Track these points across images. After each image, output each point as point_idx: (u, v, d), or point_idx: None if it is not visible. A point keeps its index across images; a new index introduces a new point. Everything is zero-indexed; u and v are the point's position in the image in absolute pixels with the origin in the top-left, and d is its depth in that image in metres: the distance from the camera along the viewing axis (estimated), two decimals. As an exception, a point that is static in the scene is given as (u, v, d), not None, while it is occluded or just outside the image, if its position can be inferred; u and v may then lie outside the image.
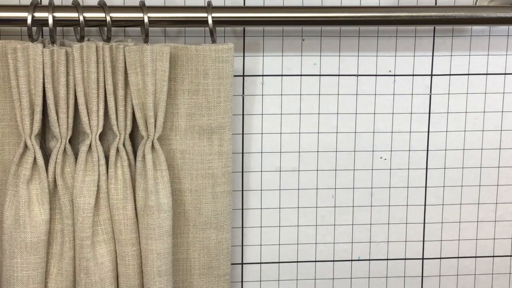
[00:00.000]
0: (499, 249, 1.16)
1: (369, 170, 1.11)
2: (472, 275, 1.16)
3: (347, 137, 1.10)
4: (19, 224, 0.94)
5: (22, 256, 0.94)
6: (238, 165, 1.09)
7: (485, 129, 1.11)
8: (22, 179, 0.94)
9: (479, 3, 1.06)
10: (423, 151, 1.11)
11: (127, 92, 0.95)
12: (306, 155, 1.10)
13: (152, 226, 0.97)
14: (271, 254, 1.13)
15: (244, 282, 1.13)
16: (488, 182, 1.13)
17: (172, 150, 1.00)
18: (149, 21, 0.94)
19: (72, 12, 0.93)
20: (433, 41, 1.08)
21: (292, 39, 1.06)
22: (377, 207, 1.13)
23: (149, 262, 0.97)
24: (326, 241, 1.13)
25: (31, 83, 0.92)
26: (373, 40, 1.08)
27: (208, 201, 1.01)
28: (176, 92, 0.98)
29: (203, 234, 1.02)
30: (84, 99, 0.94)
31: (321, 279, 1.14)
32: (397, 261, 1.15)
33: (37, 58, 0.91)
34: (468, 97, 1.10)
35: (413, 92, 1.09)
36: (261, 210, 1.11)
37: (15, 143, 0.97)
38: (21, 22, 0.93)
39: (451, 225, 1.15)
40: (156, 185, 0.97)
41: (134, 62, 0.94)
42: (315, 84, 1.08)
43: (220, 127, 0.99)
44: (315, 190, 1.11)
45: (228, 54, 0.97)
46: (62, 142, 0.95)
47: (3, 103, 0.95)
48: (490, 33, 1.09)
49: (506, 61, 1.10)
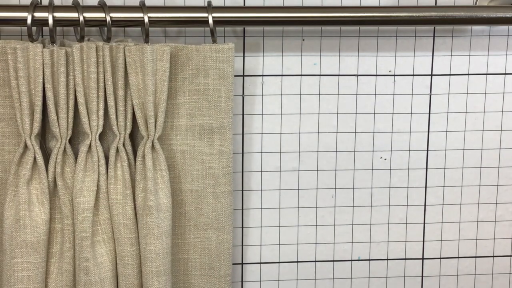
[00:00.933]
0: (499, 249, 1.16)
1: (369, 170, 1.11)
2: (472, 275, 1.16)
3: (347, 137, 1.10)
4: (19, 224, 0.94)
5: (23, 256, 0.94)
6: (238, 165, 1.09)
7: (485, 129, 1.12)
8: (22, 179, 0.94)
9: (479, 3, 1.06)
10: (423, 151, 1.11)
11: (127, 92, 0.95)
12: (306, 155, 1.10)
13: (151, 226, 0.96)
14: (271, 254, 1.13)
15: (244, 282, 1.13)
16: (488, 182, 1.14)
17: (173, 150, 1.00)
18: (149, 21, 0.94)
19: (72, 12, 0.93)
20: (433, 41, 1.08)
21: (292, 39, 1.06)
22: (377, 207, 1.13)
23: (148, 262, 0.97)
24: (326, 241, 1.13)
25: (31, 83, 0.92)
26: (373, 40, 1.08)
27: (209, 202, 1.01)
28: (176, 92, 0.98)
29: (204, 234, 1.02)
30: (84, 99, 0.94)
31: (321, 279, 1.14)
32: (397, 261, 1.15)
33: (37, 58, 0.91)
34: (468, 97, 1.10)
35: (413, 92, 1.09)
36: (261, 210, 1.11)
37: (15, 142, 0.97)
38: (21, 22, 0.93)
39: (451, 225, 1.15)
40: (156, 185, 0.97)
41: (134, 62, 0.94)
42: (315, 84, 1.08)
43: (220, 127, 0.99)
44: (315, 190, 1.11)
45: (228, 54, 0.97)
46: (62, 142, 0.95)
47: (2, 103, 0.95)
48: (490, 33, 1.09)
49: (506, 61, 1.10)
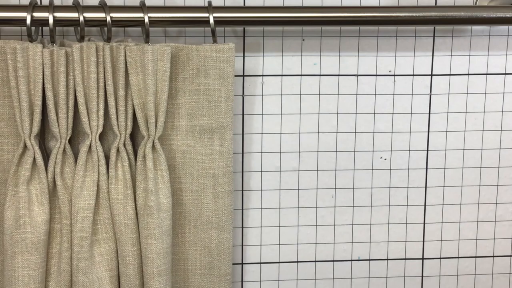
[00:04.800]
0: (499, 249, 1.16)
1: (369, 170, 1.11)
2: (472, 275, 1.16)
3: (347, 137, 1.10)
4: (19, 225, 0.94)
5: (23, 256, 0.94)
6: (238, 165, 1.09)
7: (485, 129, 1.12)
8: (22, 180, 0.94)
9: (479, 3, 1.06)
10: (423, 151, 1.11)
11: (128, 92, 0.95)
12: (306, 155, 1.10)
13: (152, 226, 0.96)
14: (271, 254, 1.13)
15: (244, 282, 1.13)
16: (488, 182, 1.14)
17: (173, 150, 1.00)
18: (149, 21, 0.94)
19: (72, 12, 0.93)
20: (433, 41, 1.08)
21: (292, 39, 1.06)
22: (377, 207, 1.13)
23: (149, 262, 0.97)
24: (326, 241, 1.13)
25: (31, 83, 0.92)
26: (373, 40, 1.08)
27: (209, 201, 1.01)
28: (177, 92, 0.98)
29: (204, 234, 1.02)
30: (84, 99, 0.94)
31: (321, 279, 1.14)
32: (397, 261, 1.15)
33: (36, 58, 0.91)
34: (468, 97, 1.11)
35: (413, 92, 1.10)
36: (261, 210, 1.11)
37: (14, 142, 0.96)
38: (20, 22, 0.93)
39: (451, 225, 1.15)
40: (156, 185, 0.97)
41: (135, 62, 0.94)
42: (315, 84, 1.08)
43: (221, 127, 0.99)
44: (315, 190, 1.11)
45: (229, 54, 0.97)
46: (61, 142, 0.95)
47: (1, 102, 0.95)
48: (490, 33, 1.09)
49: (506, 61, 1.10)
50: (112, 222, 0.98)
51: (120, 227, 0.97)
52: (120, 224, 0.97)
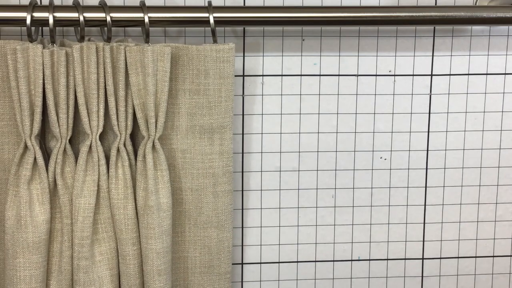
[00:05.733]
0: (499, 249, 1.16)
1: (369, 170, 1.11)
2: (472, 275, 1.16)
3: (347, 137, 1.10)
4: (20, 224, 0.94)
5: (25, 255, 0.94)
6: (238, 165, 1.09)
7: (485, 129, 1.12)
8: (23, 180, 0.94)
9: (479, 3, 1.07)
10: (423, 151, 1.12)
11: (128, 92, 0.95)
12: (306, 155, 1.10)
13: (152, 226, 0.97)
14: (271, 254, 1.13)
15: (244, 282, 1.13)
16: (488, 182, 1.14)
17: (173, 149, 1.00)
18: (149, 21, 0.94)
19: (72, 12, 0.93)
20: (433, 41, 1.08)
21: (292, 39, 1.06)
22: (377, 207, 1.13)
23: (149, 261, 0.97)
24: (326, 241, 1.13)
25: (31, 84, 0.92)
26: (373, 40, 1.08)
27: (209, 200, 1.01)
28: (177, 92, 0.98)
29: (204, 233, 1.02)
30: (84, 99, 0.94)
31: (321, 279, 1.14)
32: (397, 261, 1.15)
33: (37, 59, 0.91)
34: (468, 97, 1.11)
35: (413, 92, 1.10)
36: (261, 210, 1.11)
37: (14, 142, 0.97)
38: (20, 22, 0.93)
39: (451, 225, 1.15)
40: (156, 185, 0.97)
41: (135, 62, 0.94)
42: (315, 84, 1.08)
43: (221, 127, 0.99)
44: (315, 190, 1.11)
45: (229, 54, 0.97)
46: (62, 142, 0.95)
47: (2, 102, 0.95)
48: (490, 33, 1.09)
49: (506, 61, 1.10)
50: (112, 222, 0.98)
51: (120, 226, 0.97)
52: (121, 224, 0.97)
